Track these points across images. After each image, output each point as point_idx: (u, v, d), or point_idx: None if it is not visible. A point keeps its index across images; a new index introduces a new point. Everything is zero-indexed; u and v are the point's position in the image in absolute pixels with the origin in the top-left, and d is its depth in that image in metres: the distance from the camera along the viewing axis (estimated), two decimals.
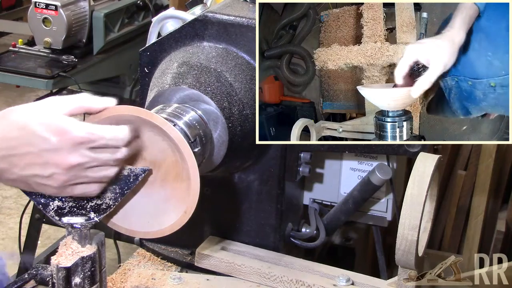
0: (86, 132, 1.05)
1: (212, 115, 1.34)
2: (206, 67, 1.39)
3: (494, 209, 3.08)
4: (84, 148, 1.05)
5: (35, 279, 1.13)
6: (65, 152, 1.05)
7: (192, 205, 1.14)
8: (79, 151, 1.05)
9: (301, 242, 1.64)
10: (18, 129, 1.05)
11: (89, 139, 1.05)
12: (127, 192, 1.13)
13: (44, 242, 3.46)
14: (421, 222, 1.26)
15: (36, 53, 2.89)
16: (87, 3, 2.89)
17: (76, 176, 1.07)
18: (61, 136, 1.04)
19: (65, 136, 1.04)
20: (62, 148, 1.05)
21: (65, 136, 1.04)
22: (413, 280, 1.32)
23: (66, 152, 1.05)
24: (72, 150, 1.05)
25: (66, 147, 1.05)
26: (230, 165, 1.46)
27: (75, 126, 1.05)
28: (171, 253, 1.61)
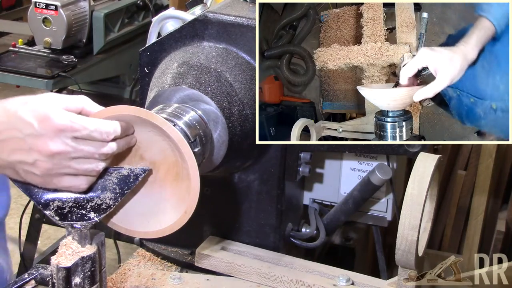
0: (68, 120, 1.06)
1: (212, 115, 1.34)
2: (206, 67, 1.39)
3: (494, 209, 3.08)
4: (66, 137, 1.06)
5: (35, 279, 1.12)
6: (47, 138, 1.06)
7: (192, 205, 1.14)
8: (60, 139, 1.06)
9: (301, 242, 1.64)
10: (8, 114, 1.07)
11: (71, 127, 1.06)
12: (127, 192, 1.13)
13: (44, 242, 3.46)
14: (421, 222, 1.26)
15: (36, 53, 2.89)
16: (87, 3, 2.89)
17: (60, 165, 1.07)
18: (44, 122, 1.06)
19: (47, 123, 1.05)
20: (44, 135, 1.06)
21: (47, 122, 1.05)
22: (413, 280, 1.32)
23: (48, 138, 1.06)
24: (53, 137, 1.06)
25: (48, 134, 1.06)
26: (230, 165, 1.46)
27: (58, 114, 1.06)
28: (171, 253, 1.61)
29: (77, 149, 1.07)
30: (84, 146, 1.08)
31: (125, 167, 1.15)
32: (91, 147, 1.08)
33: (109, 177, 1.14)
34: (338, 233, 2.23)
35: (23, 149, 1.07)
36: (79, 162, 1.09)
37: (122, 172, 1.14)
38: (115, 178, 1.13)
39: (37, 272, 1.13)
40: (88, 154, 1.09)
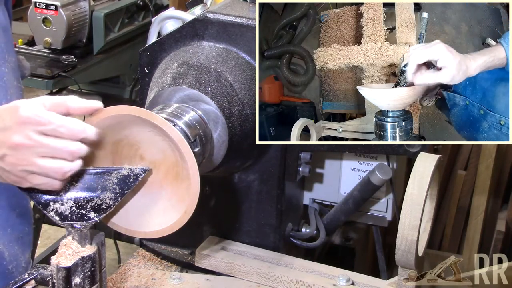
0: (32, 113, 1.04)
1: (212, 115, 1.34)
2: (206, 67, 1.39)
3: (494, 209, 3.08)
4: (30, 130, 1.04)
5: (35, 279, 1.12)
6: (11, 130, 1.04)
7: (192, 205, 1.14)
8: (24, 132, 1.04)
9: (301, 242, 1.64)
10: None
11: (35, 120, 1.04)
12: (127, 192, 1.13)
13: (44, 242, 3.46)
14: (421, 222, 1.26)
15: (36, 53, 2.88)
16: (87, 3, 2.88)
17: (25, 161, 1.05)
18: (11, 115, 1.05)
19: (13, 115, 1.05)
20: (10, 127, 1.05)
21: (13, 114, 1.05)
22: (413, 280, 1.32)
23: (12, 131, 1.04)
24: (17, 129, 1.04)
25: (13, 126, 1.04)
26: (230, 165, 1.46)
27: (24, 106, 1.05)
28: (171, 253, 1.61)
29: (41, 143, 1.04)
30: (50, 142, 1.05)
31: (125, 167, 1.15)
32: (57, 144, 1.05)
33: (109, 177, 1.13)
34: (338, 233, 2.23)
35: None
36: (44, 160, 1.05)
37: (122, 172, 1.14)
38: (115, 178, 1.13)
39: (37, 272, 1.12)
40: (54, 151, 1.05)
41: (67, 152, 1.06)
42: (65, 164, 1.07)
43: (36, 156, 1.05)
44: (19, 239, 1.60)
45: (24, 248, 1.62)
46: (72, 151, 1.06)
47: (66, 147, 1.06)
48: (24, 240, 1.62)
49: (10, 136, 1.04)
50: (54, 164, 1.06)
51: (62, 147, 1.06)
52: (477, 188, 2.96)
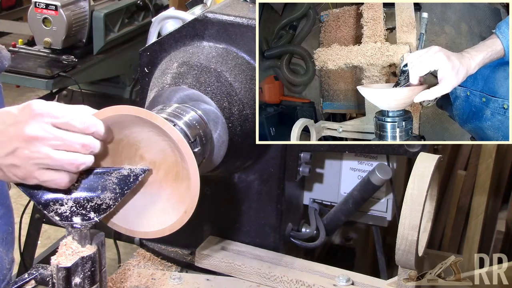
0: (46, 106, 1.06)
1: (212, 115, 1.34)
2: (206, 67, 1.39)
3: (494, 209, 3.08)
4: (44, 122, 1.05)
5: (35, 279, 1.12)
6: (24, 123, 1.06)
7: (192, 205, 1.13)
8: (38, 123, 1.05)
9: (301, 242, 1.64)
10: (2, 113, 1.09)
11: (48, 113, 1.06)
12: (127, 192, 1.13)
13: (44, 242, 3.46)
14: (421, 222, 1.26)
15: (36, 53, 2.89)
16: (87, 3, 2.89)
17: (39, 154, 1.06)
18: (23, 110, 1.07)
19: (25, 110, 1.06)
20: (22, 121, 1.06)
21: (25, 110, 1.06)
22: (413, 280, 1.32)
23: (25, 123, 1.06)
24: (31, 122, 1.05)
25: (26, 119, 1.06)
26: (230, 165, 1.46)
27: (36, 102, 1.07)
28: (171, 253, 1.61)
29: (55, 136, 1.05)
30: (64, 134, 1.06)
31: (125, 167, 1.15)
32: (71, 136, 1.06)
33: (109, 177, 1.13)
34: (338, 233, 2.23)
35: (4, 140, 1.06)
36: (59, 152, 1.06)
37: (122, 172, 1.14)
38: (115, 178, 1.13)
39: (37, 272, 1.12)
40: (68, 144, 1.06)
41: (81, 144, 1.07)
42: (80, 156, 1.08)
43: (50, 148, 1.06)
44: (3, 240, 1.60)
45: (8, 248, 1.62)
46: (85, 144, 1.08)
47: (80, 139, 1.07)
48: (7, 240, 1.62)
49: (23, 129, 1.05)
50: (69, 156, 1.07)
51: (76, 140, 1.07)
52: (477, 188, 2.95)
